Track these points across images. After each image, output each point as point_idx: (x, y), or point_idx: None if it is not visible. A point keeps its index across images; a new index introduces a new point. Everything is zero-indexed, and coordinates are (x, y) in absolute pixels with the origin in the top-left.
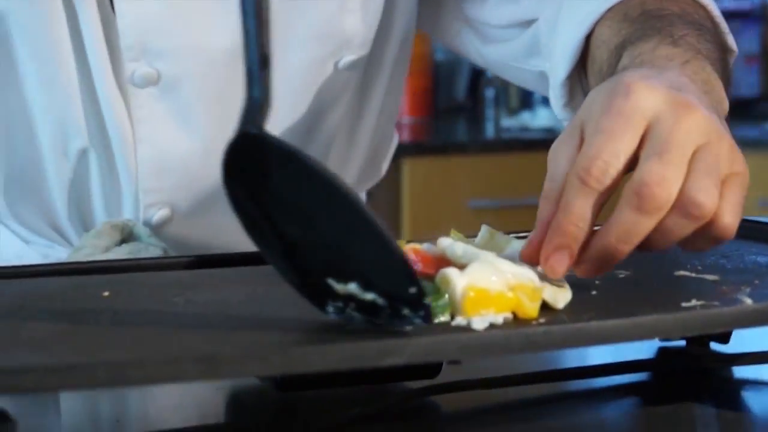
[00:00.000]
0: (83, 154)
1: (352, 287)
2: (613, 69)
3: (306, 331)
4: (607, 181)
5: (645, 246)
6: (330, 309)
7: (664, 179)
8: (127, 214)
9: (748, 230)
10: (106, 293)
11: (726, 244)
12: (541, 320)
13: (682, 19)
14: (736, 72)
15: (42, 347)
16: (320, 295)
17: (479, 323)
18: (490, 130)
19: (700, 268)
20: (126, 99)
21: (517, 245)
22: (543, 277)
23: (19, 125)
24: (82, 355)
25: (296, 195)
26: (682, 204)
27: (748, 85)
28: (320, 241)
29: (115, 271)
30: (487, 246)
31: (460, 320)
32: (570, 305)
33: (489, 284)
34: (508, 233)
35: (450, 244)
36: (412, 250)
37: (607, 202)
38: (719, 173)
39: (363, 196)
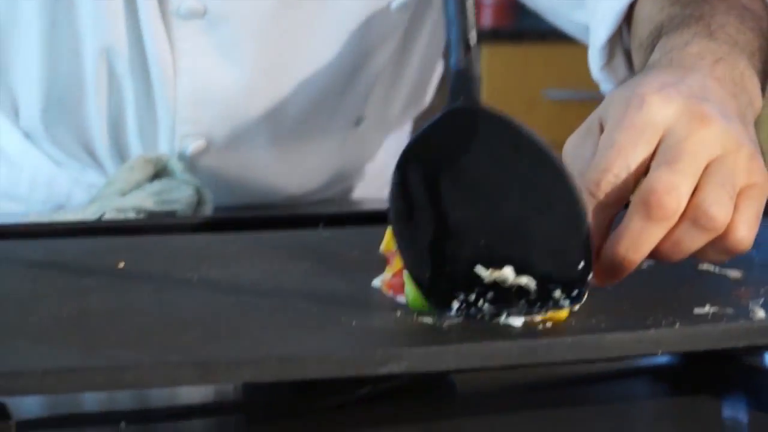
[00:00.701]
0: (122, 80)
1: (507, 271)
2: (647, 56)
3: (307, 328)
4: (617, 194)
5: (656, 256)
6: (455, 305)
7: (673, 187)
8: (162, 143)
9: None
10: (122, 264)
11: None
12: (548, 324)
13: (727, 1)
14: None
15: (43, 339)
16: (448, 291)
17: (516, 321)
18: None
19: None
20: (169, 30)
21: None
22: None
23: (65, 45)
24: (83, 354)
25: (491, 170)
26: (693, 215)
27: None
28: (491, 222)
29: (133, 233)
30: None
31: None
32: (585, 303)
33: None
34: None
35: None
36: None
37: (618, 213)
38: (734, 185)
39: (409, 125)
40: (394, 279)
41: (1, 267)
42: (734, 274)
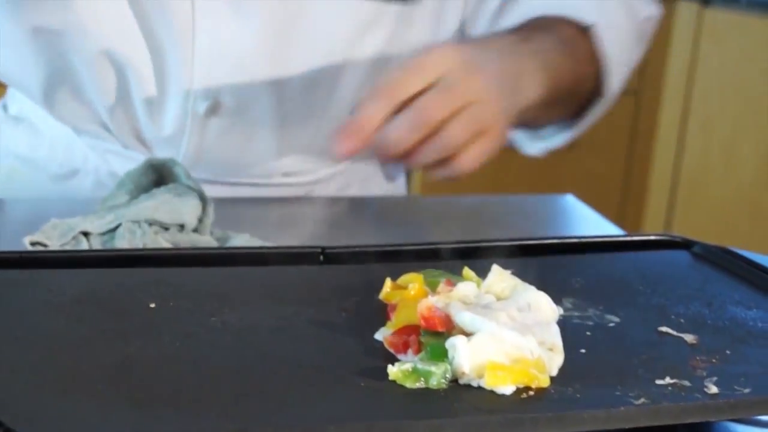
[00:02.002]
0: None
1: None
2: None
3: (322, 388)
4: (397, 96)
5: (407, 158)
6: None
7: (436, 108)
8: (170, 109)
9: (738, 268)
10: (153, 305)
11: (712, 285)
12: (531, 393)
13: (557, 37)
14: None
15: (95, 393)
16: None
17: (504, 390)
18: None
19: (682, 321)
20: None
21: (523, 290)
22: (540, 343)
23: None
24: (133, 414)
25: None
26: (440, 136)
27: None
28: None
29: (159, 264)
30: (494, 287)
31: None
32: (562, 370)
33: (493, 356)
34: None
35: (459, 311)
36: (427, 308)
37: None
38: (477, 125)
39: None
40: (394, 336)
41: (42, 301)
42: (690, 338)
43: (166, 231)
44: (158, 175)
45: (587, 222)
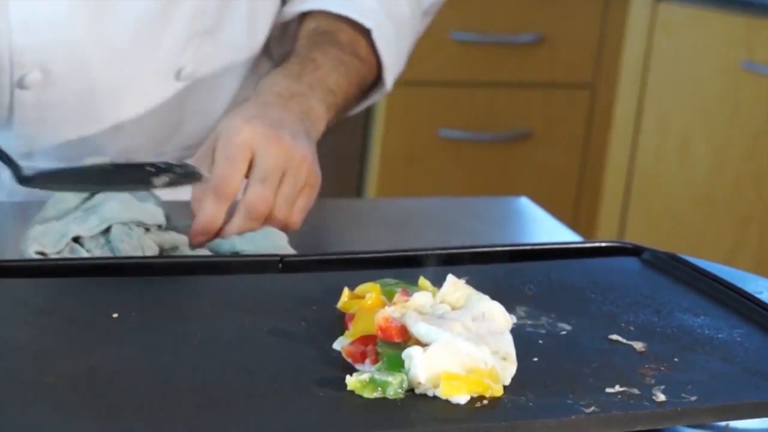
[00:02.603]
0: None
1: None
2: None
3: (282, 398)
4: (232, 194)
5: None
6: None
7: (263, 201)
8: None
9: (686, 275)
10: (116, 315)
11: (661, 292)
12: (485, 402)
13: (340, 50)
14: None
15: (61, 405)
16: None
17: (459, 399)
18: None
19: (632, 328)
20: None
21: (477, 300)
22: (494, 353)
23: None
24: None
25: None
26: (272, 217)
27: None
28: None
29: (121, 273)
30: (449, 296)
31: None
32: (514, 379)
33: (448, 366)
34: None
35: (415, 321)
36: (384, 318)
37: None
38: (296, 186)
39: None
40: (352, 347)
41: (4, 311)
42: (639, 346)
43: (148, 231)
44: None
45: (541, 225)
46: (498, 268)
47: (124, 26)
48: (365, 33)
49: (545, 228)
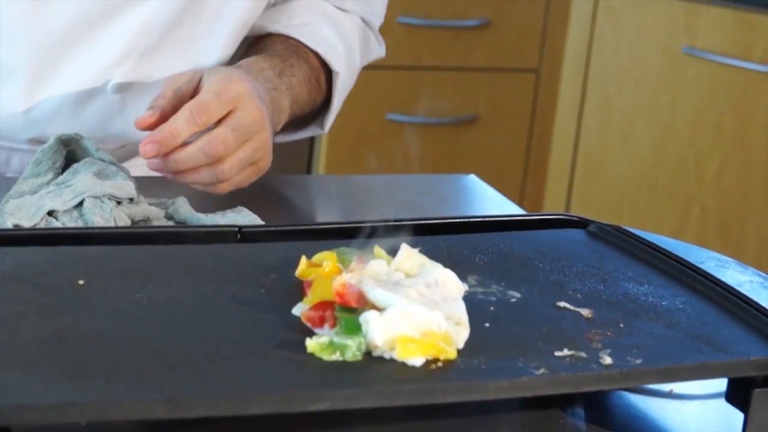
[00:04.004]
0: None
1: None
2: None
3: (246, 361)
4: (204, 122)
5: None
6: None
7: (225, 145)
8: None
9: (631, 246)
10: (81, 282)
11: (607, 262)
12: (439, 364)
13: (309, 70)
14: None
15: (33, 367)
16: None
17: (415, 362)
18: None
19: (579, 296)
20: None
21: (430, 268)
22: (447, 318)
23: None
24: (73, 386)
25: None
26: (218, 168)
27: None
28: None
29: (85, 242)
30: (403, 265)
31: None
32: (468, 342)
33: (404, 330)
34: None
35: (371, 287)
36: (341, 284)
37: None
38: (253, 158)
39: None
40: (311, 312)
41: None
42: (586, 313)
43: (120, 204)
44: (69, 150)
45: (489, 201)
46: (449, 239)
47: (60, 22)
48: (326, 69)
49: (493, 204)
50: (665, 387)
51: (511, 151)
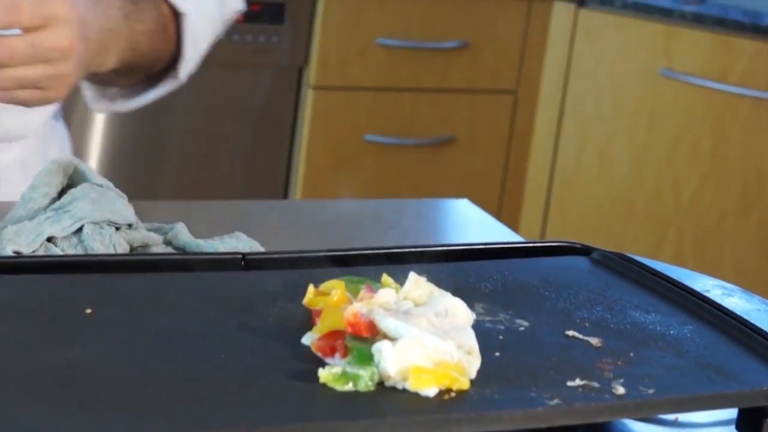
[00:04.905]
0: None
1: None
2: None
3: (259, 391)
4: (9, 22)
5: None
6: None
7: (18, 54)
8: None
9: (635, 273)
10: (89, 311)
11: (612, 290)
12: (452, 394)
13: (158, 17)
14: None
15: (43, 396)
16: None
17: (428, 392)
18: None
19: (587, 324)
20: None
21: (439, 296)
22: (458, 347)
23: None
24: (83, 417)
25: None
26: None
27: None
28: None
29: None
30: (411, 293)
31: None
32: (480, 372)
33: (417, 360)
34: None
35: (382, 317)
36: (353, 314)
37: None
38: (41, 82)
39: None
40: (321, 341)
41: None
42: (595, 341)
43: (119, 230)
44: (66, 176)
45: (483, 226)
46: (453, 267)
47: None
48: (176, 17)
49: (487, 229)
50: (671, 415)
51: (488, 172)
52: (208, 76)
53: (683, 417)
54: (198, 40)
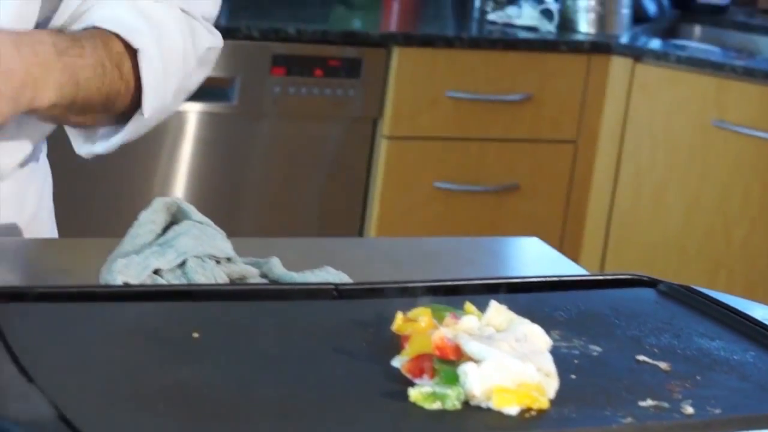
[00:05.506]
0: None
1: None
2: None
3: (358, 413)
4: None
5: None
6: None
7: None
8: None
9: (699, 304)
10: (196, 335)
11: (678, 319)
12: (533, 413)
13: (107, 56)
14: None
15: (158, 411)
16: None
17: (511, 410)
18: (475, 24)
19: (656, 350)
20: None
21: (518, 323)
22: (537, 370)
23: None
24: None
25: None
26: None
27: None
28: None
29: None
30: (493, 320)
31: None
32: (557, 392)
33: (500, 381)
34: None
35: (467, 341)
36: (440, 339)
37: None
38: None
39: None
40: (410, 363)
41: (98, 331)
42: (664, 366)
43: (218, 263)
44: (169, 213)
45: (551, 262)
46: (529, 297)
47: None
48: (133, 55)
49: (555, 265)
50: None
51: (549, 216)
52: (289, 126)
53: None
54: (161, 75)
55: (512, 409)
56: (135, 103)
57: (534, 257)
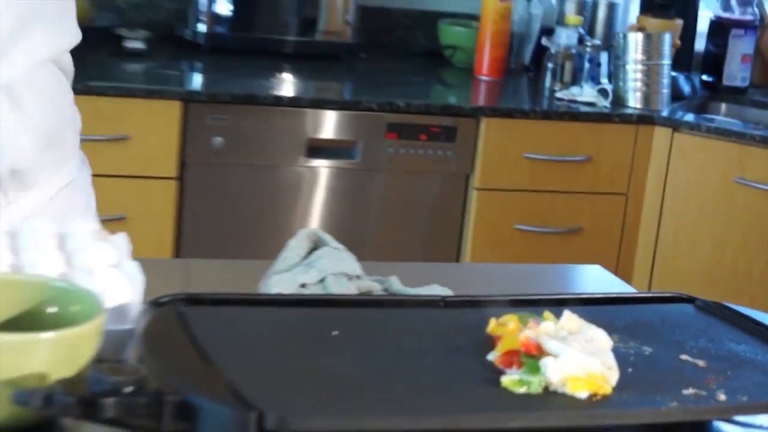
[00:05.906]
0: None
1: None
2: None
3: (467, 391)
4: None
5: None
6: None
7: None
8: None
9: (729, 316)
10: (335, 332)
11: (712, 328)
12: (599, 397)
13: None
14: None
15: (323, 393)
16: None
17: (581, 395)
18: (546, 100)
19: (695, 351)
20: None
21: (586, 328)
22: (602, 364)
23: None
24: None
25: None
26: None
27: (743, 78)
28: None
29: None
30: (566, 325)
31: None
32: (618, 382)
33: (573, 372)
34: None
35: (547, 340)
36: (526, 338)
37: None
38: None
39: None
40: (502, 357)
41: (261, 328)
42: (701, 363)
43: (350, 280)
44: (312, 241)
45: (612, 284)
46: (594, 309)
47: None
48: None
49: (615, 286)
50: (758, 421)
51: (606, 253)
52: (400, 179)
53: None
54: None
55: (582, 394)
56: None
57: (597, 280)
